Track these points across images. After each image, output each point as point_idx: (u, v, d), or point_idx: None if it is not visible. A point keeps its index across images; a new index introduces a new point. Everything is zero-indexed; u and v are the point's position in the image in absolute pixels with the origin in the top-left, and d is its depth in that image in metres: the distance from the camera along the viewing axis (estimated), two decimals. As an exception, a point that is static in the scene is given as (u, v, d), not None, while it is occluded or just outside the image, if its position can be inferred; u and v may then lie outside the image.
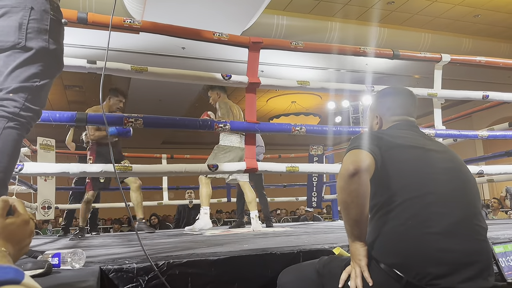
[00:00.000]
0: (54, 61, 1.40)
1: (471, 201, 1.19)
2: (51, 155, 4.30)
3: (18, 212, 0.70)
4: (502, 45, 8.28)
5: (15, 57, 1.29)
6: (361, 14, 7.11)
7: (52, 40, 1.36)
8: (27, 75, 1.30)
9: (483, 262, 1.11)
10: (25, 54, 1.30)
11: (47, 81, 1.36)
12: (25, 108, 1.29)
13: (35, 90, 1.31)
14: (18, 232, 0.68)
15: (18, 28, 1.29)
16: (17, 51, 1.29)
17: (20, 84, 1.28)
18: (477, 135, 3.32)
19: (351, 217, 1.15)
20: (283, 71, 8.45)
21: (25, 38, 1.30)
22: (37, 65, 1.32)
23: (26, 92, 1.29)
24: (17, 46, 1.29)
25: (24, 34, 1.30)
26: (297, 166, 2.73)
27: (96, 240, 3.32)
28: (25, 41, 1.30)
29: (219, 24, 5.61)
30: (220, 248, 1.81)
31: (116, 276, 1.30)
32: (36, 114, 1.34)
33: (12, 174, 1.35)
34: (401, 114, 1.40)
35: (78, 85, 9.42)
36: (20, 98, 1.28)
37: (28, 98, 1.29)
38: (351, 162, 1.14)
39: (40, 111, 1.37)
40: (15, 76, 1.28)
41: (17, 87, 1.28)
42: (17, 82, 1.28)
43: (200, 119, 2.55)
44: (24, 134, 1.32)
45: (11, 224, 0.68)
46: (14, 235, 0.68)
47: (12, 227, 0.68)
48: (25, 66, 1.30)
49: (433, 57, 3.21)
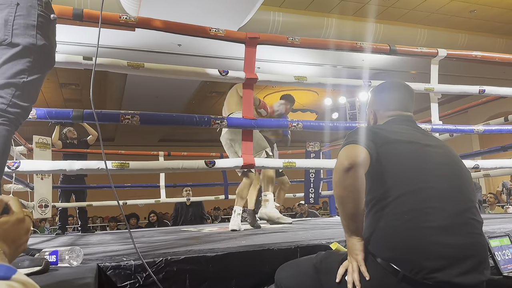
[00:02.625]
0: (44, 56, 1.38)
1: (467, 196, 1.19)
2: (47, 153, 4.28)
3: (13, 211, 0.70)
4: (498, 40, 8.30)
5: (2, 53, 1.28)
6: (357, 10, 7.10)
7: (40, 36, 1.35)
8: (14, 71, 1.29)
9: (479, 256, 1.12)
10: (12, 50, 1.29)
11: (35, 77, 1.35)
12: (12, 104, 1.28)
13: (23, 86, 1.30)
14: (12, 230, 0.68)
15: (4, 25, 1.29)
16: (4, 47, 1.29)
17: (7, 80, 1.27)
18: (473, 129, 3.33)
19: (347, 212, 1.16)
20: (279, 68, 8.44)
21: (11, 34, 1.29)
22: (25, 61, 1.31)
23: (13, 88, 1.28)
24: (3, 43, 1.28)
25: (10, 30, 1.29)
26: (294, 162, 2.73)
27: (94, 238, 3.32)
28: (11, 37, 1.29)
29: (215, 20, 5.59)
30: (218, 244, 1.82)
31: (114, 273, 1.30)
32: (25, 111, 1.34)
33: (9, 172, 1.34)
34: (396, 109, 1.40)
35: (74, 83, 9.38)
36: (7, 95, 1.27)
37: (15, 94, 1.29)
38: (346, 157, 1.14)
39: (29, 108, 1.36)
40: (2, 72, 1.27)
41: (3, 83, 1.27)
42: (4, 78, 1.27)
43: (196, 115, 2.54)
44: (13, 130, 1.31)
45: (5, 223, 0.67)
46: (9, 234, 0.67)
47: (6, 226, 0.67)
48: (12, 62, 1.29)
49: (430, 52, 3.21)
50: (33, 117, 2.07)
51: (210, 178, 6.36)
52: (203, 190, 7.63)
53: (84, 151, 5.49)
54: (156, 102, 10.33)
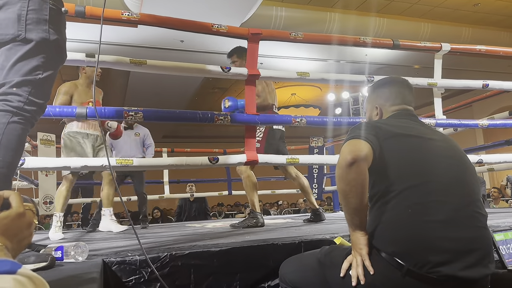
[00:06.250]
0: (56, 51, 1.37)
1: (471, 189, 1.19)
2: (52, 150, 4.30)
3: (13, 205, 0.69)
4: (502, 34, 8.24)
5: (16, 50, 1.27)
6: (360, 4, 7.06)
7: (52, 30, 1.33)
8: (29, 68, 1.27)
9: (483, 250, 1.12)
10: (26, 46, 1.27)
11: (50, 72, 1.33)
12: (29, 102, 1.27)
13: (39, 83, 1.29)
14: (13, 225, 0.67)
15: (17, 20, 1.27)
16: (18, 43, 1.27)
17: (23, 78, 1.26)
18: (478, 124, 3.32)
19: (351, 206, 1.16)
20: (282, 64, 8.42)
21: (25, 29, 1.27)
22: (39, 57, 1.29)
23: (29, 86, 1.27)
24: (17, 39, 1.27)
25: (24, 25, 1.27)
26: (297, 158, 2.73)
27: (99, 234, 3.33)
28: (25, 33, 1.27)
29: (217, 16, 5.59)
30: (222, 239, 1.83)
31: (119, 269, 1.31)
32: (40, 108, 1.32)
33: None
34: (400, 104, 1.40)
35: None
36: (24, 92, 1.26)
37: (31, 91, 1.27)
38: (349, 151, 1.14)
39: (44, 105, 1.34)
40: (17, 69, 1.26)
41: (20, 80, 1.25)
42: (20, 75, 1.26)
43: (199, 111, 2.54)
44: (29, 128, 1.30)
45: (5, 217, 0.67)
46: (10, 228, 0.67)
47: (6, 221, 0.67)
48: (27, 59, 1.27)
49: (433, 47, 3.19)
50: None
51: (213, 174, 6.36)
52: (206, 186, 7.65)
53: None
54: (159, 98, 10.34)
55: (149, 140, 4.78)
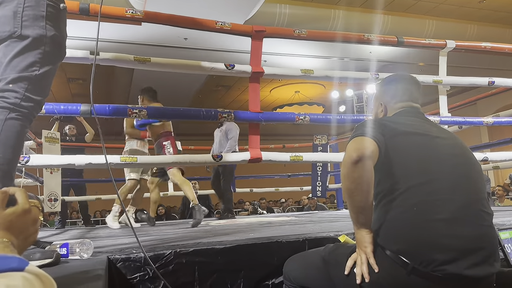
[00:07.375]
0: (54, 48, 1.37)
1: (477, 187, 1.18)
2: (56, 148, 4.31)
3: (18, 202, 0.70)
4: (507, 31, 8.17)
5: (13, 46, 1.27)
6: (364, 1, 7.03)
7: (50, 26, 1.34)
8: (25, 64, 1.28)
9: (488, 248, 1.11)
10: (22, 42, 1.28)
11: (47, 68, 1.33)
12: (26, 98, 1.27)
13: (35, 79, 1.29)
14: (18, 222, 0.67)
15: (13, 17, 1.27)
16: (14, 40, 1.28)
17: (19, 74, 1.26)
18: (483, 121, 3.30)
19: (356, 204, 1.16)
20: (286, 61, 8.40)
21: (21, 26, 1.27)
22: (35, 53, 1.30)
23: (25, 82, 1.27)
24: (13, 36, 1.27)
25: (20, 22, 1.27)
26: (301, 155, 2.73)
27: (103, 231, 3.35)
28: (20, 29, 1.27)
29: (221, 14, 5.58)
30: (227, 237, 1.83)
31: (123, 266, 1.32)
32: (38, 104, 1.33)
33: (19, 167, 1.34)
34: (406, 101, 1.39)
35: (81, 78, 9.42)
36: (20, 89, 1.26)
37: (28, 88, 1.28)
38: (355, 149, 1.13)
39: (42, 101, 1.35)
40: (14, 66, 1.26)
41: (16, 77, 1.26)
42: (16, 72, 1.26)
43: (203, 109, 2.54)
44: (27, 124, 1.30)
45: (11, 214, 0.67)
46: (15, 225, 0.67)
47: (12, 217, 0.67)
48: (23, 55, 1.28)
49: (438, 44, 3.18)
50: (41, 112, 2.08)
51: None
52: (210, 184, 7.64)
53: (86, 145, 5.57)
54: (162, 96, 10.32)
55: (231, 133, 4.83)
